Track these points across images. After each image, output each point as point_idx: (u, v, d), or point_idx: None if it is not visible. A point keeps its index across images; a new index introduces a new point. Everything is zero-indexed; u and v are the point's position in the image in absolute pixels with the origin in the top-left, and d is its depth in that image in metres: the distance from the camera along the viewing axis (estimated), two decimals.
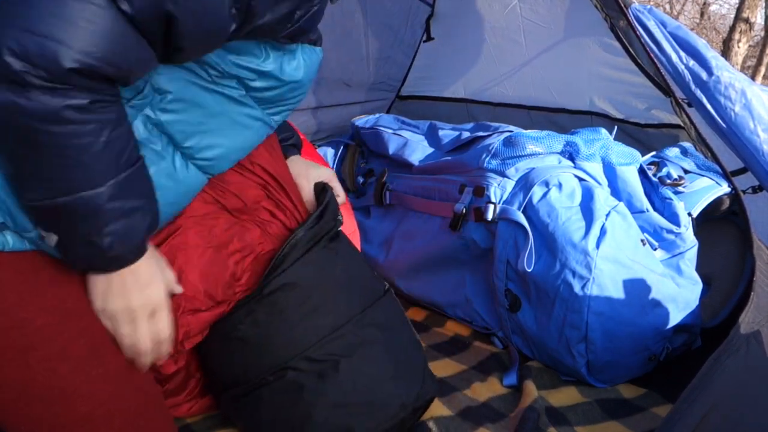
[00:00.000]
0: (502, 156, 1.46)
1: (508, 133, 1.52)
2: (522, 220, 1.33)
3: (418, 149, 1.75)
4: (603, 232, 1.28)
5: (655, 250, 1.36)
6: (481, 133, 1.61)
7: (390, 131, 1.89)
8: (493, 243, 1.41)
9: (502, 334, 1.46)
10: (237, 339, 1.00)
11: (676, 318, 1.28)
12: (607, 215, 1.30)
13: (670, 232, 1.38)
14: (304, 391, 0.98)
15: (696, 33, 1.69)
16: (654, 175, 1.52)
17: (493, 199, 1.41)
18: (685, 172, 1.56)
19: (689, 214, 1.43)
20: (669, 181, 1.50)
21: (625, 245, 1.28)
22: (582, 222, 1.30)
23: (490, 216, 1.39)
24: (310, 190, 1.16)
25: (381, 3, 2.32)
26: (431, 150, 1.75)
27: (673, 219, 1.40)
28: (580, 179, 1.39)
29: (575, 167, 1.43)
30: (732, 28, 7.39)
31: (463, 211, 1.46)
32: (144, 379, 0.86)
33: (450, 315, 1.58)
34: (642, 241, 1.32)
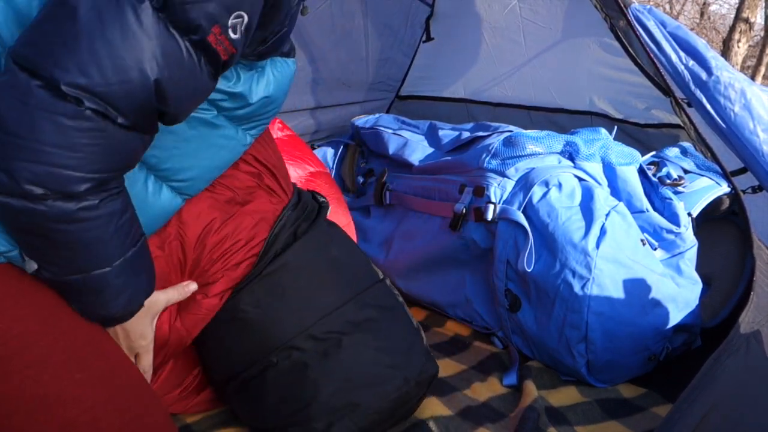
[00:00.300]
0: (502, 156, 1.46)
1: (508, 133, 1.52)
2: (522, 220, 1.33)
3: (418, 149, 1.75)
4: (603, 232, 1.28)
5: (655, 250, 1.36)
6: (481, 133, 1.61)
7: (390, 131, 1.89)
8: (493, 243, 1.41)
9: (502, 334, 1.46)
10: (240, 321, 1.02)
11: (676, 318, 1.28)
12: (607, 215, 1.30)
13: (670, 232, 1.38)
14: (308, 369, 1.00)
15: (696, 33, 1.69)
16: (654, 175, 1.52)
17: (493, 199, 1.41)
18: (685, 172, 1.56)
19: (689, 214, 1.43)
20: (669, 181, 1.50)
21: (625, 245, 1.28)
22: (582, 222, 1.30)
23: (490, 216, 1.39)
24: None
25: (381, 3, 2.32)
26: (431, 150, 1.75)
27: (673, 219, 1.40)
28: (580, 179, 1.39)
29: (575, 167, 1.43)
30: (732, 28, 7.39)
31: (463, 211, 1.46)
32: (135, 380, 0.85)
33: (450, 315, 1.58)
34: (642, 241, 1.32)
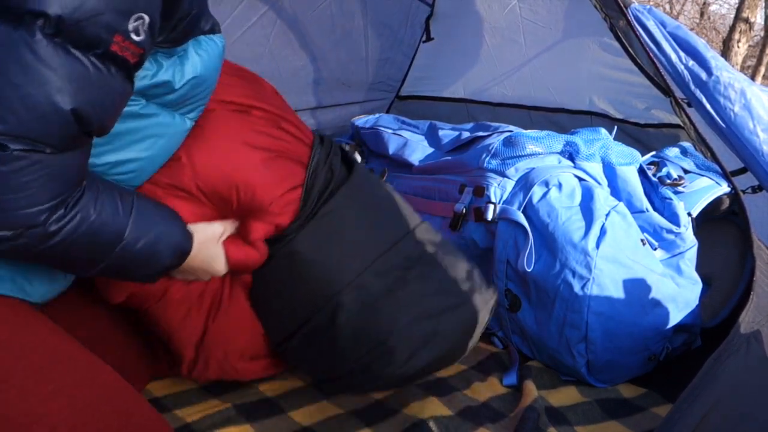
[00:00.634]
0: (502, 156, 1.46)
1: (508, 133, 1.52)
2: (522, 220, 1.33)
3: (418, 149, 1.75)
4: (603, 231, 1.28)
5: (655, 250, 1.36)
6: (481, 133, 1.61)
7: (390, 131, 1.89)
8: (493, 243, 1.41)
9: (502, 334, 1.46)
10: (300, 266, 1.02)
11: (676, 318, 1.28)
12: (607, 215, 1.30)
13: (670, 232, 1.38)
14: (379, 305, 1.01)
15: (696, 33, 1.69)
16: (654, 175, 1.52)
17: (493, 199, 1.41)
18: (685, 172, 1.56)
19: (689, 214, 1.43)
20: (669, 181, 1.50)
21: (625, 245, 1.28)
22: (582, 222, 1.30)
23: (490, 216, 1.39)
24: None
25: (381, 3, 2.32)
26: (431, 150, 1.75)
27: (673, 219, 1.40)
28: (580, 179, 1.39)
29: (575, 167, 1.43)
30: (732, 28, 7.39)
31: (463, 211, 1.46)
32: (113, 383, 0.83)
33: None
34: (642, 241, 1.32)
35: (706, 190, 1.49)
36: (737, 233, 1.51)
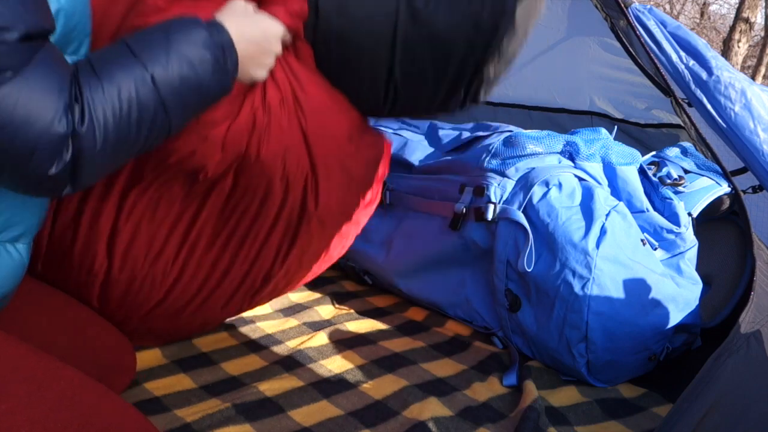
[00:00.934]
0: (502, 156, 1.46)
1: (508, 133, 1.52)
2: (522, 219, 1.34)
3: (418, 149, 1.75)
4: (603, 231, 1.28)
5: (655, 249, 1.36)
6: (481, 133, 1.61)
7: (390, 131, 1.89)
8: (493, 243, 1.41)
9: (502, 334, 1.46)
10: None
11: (676, 318, 1.28)
12: (607, 215, 1.30)
13: (670, 231, 1.38)
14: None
15: (696, 33, 1.69)
16: (654, 175, 1.52)
17: (493, 199, 1.41)
18: (685, 172, 1.56)
19: (689, 214, 1.43)
20: (669, 181, 1.51)
21: (625, 245, 1.28)
22: (582, 222, 1.30)
23: (490, 216, 1.39)
24: None
25: None
26: (431, 150, 1.75)
27: (673, 219, 1.40)
28: (580, 179, 1.39)
29: (575, 167, 1.43)
30: (732, 28, 7.40)
31: (464, 210, 1.46)
32: (77, 384, 0.78)
33: (450, 315, 1.58)
34: (642, 241, 1.32)
35: (706, 190, 1.49)
36: (737, 233, 1.51)
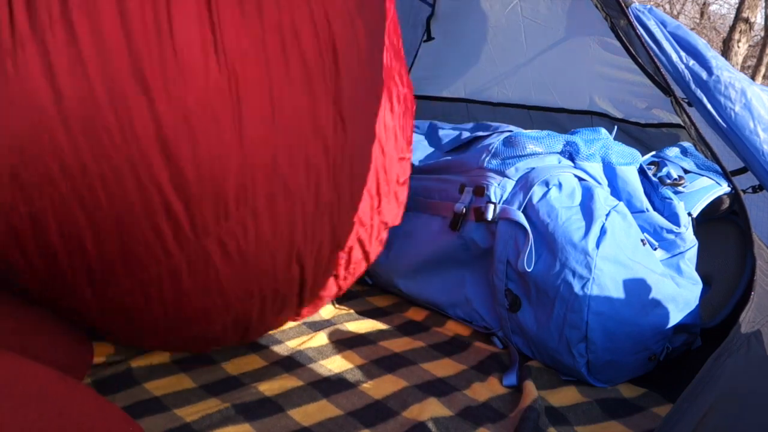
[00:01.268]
0: (502, 156, 1.46)
1: (508, 133, 1.52)
2: (522, 219, 1.33)
3: (418, 149, 1.75)
4: (603, 231, 1.28)
5: (655, 249, 1.36)
6: (481, 133, 1.61)
7: None
8: (493, 243, 1.40)
9: (502, 334, 1.46)
10: None
11: (676, 318, 1.28)
12: (607, 215, 1.30)
13: (670, 231, 1.38)
14: None
15: (696, 33, 1.69)
16: (654, 174, 1.52)
17: (493, 199, 1.41)
18: (685, 171, 1.56)
19: (689, 214, 1.43)
20: (669, 180, 1.50)
21: (625, 245, 1.28)
22: (582, 222, 1.30)
23: (490, 216, 1.39)
24: None
25: None
26: (431, 150, 1.75)
27: (673, 219, 1.40)
28: (580, 179, 1.39)
29: (575, 167, 1.43)
30: (732, 28, 7.39)
31: (463, 210, 1.46)
32: (44, 381, 0.77)
33: (450, 315, 1.58)
34: (642, 240, 1.32)
35: (706, 190, 1.49)
36: (737, 233, 1.51)
